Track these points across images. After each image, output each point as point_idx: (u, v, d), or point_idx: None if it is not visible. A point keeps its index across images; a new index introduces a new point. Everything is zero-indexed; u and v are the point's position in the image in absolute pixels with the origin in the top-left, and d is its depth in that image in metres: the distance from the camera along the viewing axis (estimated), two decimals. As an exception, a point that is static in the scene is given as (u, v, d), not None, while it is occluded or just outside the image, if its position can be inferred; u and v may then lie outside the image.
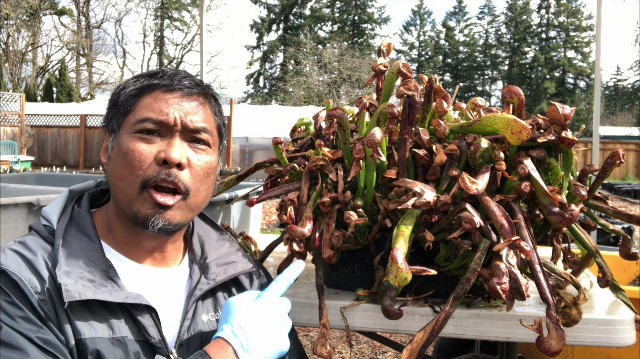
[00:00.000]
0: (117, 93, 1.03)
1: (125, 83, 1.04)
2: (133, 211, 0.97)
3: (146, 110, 0.98)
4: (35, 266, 0.90)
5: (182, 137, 1.00)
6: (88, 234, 0.99)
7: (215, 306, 1.06)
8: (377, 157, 1.09)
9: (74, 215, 1.02)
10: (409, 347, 0.99)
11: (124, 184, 0.97)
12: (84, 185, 1.12)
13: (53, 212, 1.01)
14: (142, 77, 1.03)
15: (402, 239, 1.00)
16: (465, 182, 1.03)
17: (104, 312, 0.92)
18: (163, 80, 1.01)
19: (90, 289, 0.90)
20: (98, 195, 1.12)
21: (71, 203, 1.06)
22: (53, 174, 3.63)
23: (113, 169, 0.99)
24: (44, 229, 0.99)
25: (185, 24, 40.01)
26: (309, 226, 1.13)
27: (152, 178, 0.96)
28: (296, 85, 32.03)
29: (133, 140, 0.97)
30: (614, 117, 40.76)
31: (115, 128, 1.01)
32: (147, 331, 0.93)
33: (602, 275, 1.24)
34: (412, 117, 1.11)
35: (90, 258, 0.95)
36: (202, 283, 1.04)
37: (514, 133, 1.03)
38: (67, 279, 0.90)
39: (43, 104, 22.65)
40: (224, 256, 1.12)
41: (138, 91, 1.00)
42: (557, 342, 0.96)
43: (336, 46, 33.73)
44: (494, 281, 0.98)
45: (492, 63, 47.61)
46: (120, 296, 0.92)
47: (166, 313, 0.99)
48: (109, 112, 1.04)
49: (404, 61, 1.14)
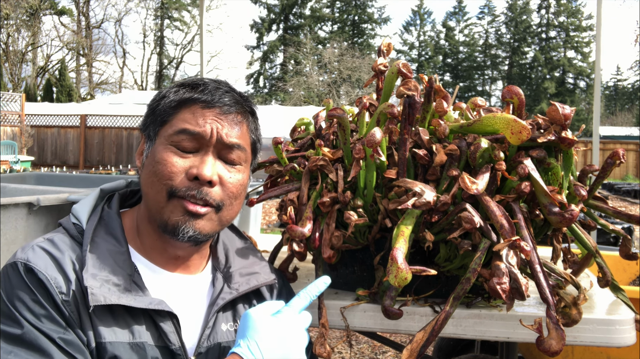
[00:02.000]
0: (157, 101, 1.03)
1: (166, 92, 1.03)
2: (164, 218, 0.98)
3: (183, 122, 0.99)
4: (63, 266, 0.91)
5: (216, 152, 1.00)
6: (116, 237, 0.99)
7: (235, 317, 1.06)
8: (377, 157, 1.09)
9: (103, 216, 1.02)
10: (409, 347, 0.99)
11: (153, 191, 0.98)
12: (114, 184, 1.13)
13: (83, 211, 1.02)
14: (184, 88, 1.02)
15: (402, 239, 1.00)
16: (465, 182, 1.03)
17: (126, 316, 0.92)
18: (204, 94, 1.00)
19: (115, 293, 0.90)
20: (128, 196, 1.12)
21: (101, 202, 1.06)
22: (53, 174, 3.63)
23: (145, 176, 1.00)
24: (73, 227, 0.99)
25: (185, 24, 40.03)
26: (309, 226, 1.13)
27: (180, 191, 0.97)
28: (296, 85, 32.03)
29: (167, 151, 0.98)
30: (614, 117, 40.76)
31: (152, 136, 1.01)
32: (167, 338, 0.93)
33: (602, 275, 1.24)
34: (412, 117, 1.11)
35: (117, 261, 0.95)
36: (224, 293, 1.04)
37: (514, 133, 1.03)
38: (94, 282, 0.90)
39: (43, 104, 22.65)
40: (247, 266, 1.11)
41: (177, 103, 1.00)
42: (557, 342, 0.96)
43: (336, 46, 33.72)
44: (494, 281, 0.98)
45: (492, 63, 47.62)
46: (143, 302, 0.92)
47: (187, 320, 0.99)
48: (147, 118, 1.04)
49: (404, 61, 1.14)
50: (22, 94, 17.53)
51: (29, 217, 1.76)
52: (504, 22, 46.94)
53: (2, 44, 31.03)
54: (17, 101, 17.02)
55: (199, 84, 1.02)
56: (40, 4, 31.18)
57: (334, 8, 44.09)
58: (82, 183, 3.25)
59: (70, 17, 35.80)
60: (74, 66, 36.12)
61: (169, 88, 1.04)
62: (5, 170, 10.77)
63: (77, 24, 35.79)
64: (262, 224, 8.20)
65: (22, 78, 32.33)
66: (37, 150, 18.51)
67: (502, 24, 47.25)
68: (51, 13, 34.47)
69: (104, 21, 37.74)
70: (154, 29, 40.00)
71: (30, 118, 18.53)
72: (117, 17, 42.13)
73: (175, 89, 1.03)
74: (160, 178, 0.97)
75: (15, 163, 12.22)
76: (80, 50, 35.74)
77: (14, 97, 17.10)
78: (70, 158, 18.76)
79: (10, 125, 16.21)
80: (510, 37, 46.33)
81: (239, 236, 1.19)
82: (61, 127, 18.81)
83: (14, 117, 16.62)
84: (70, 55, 36.01)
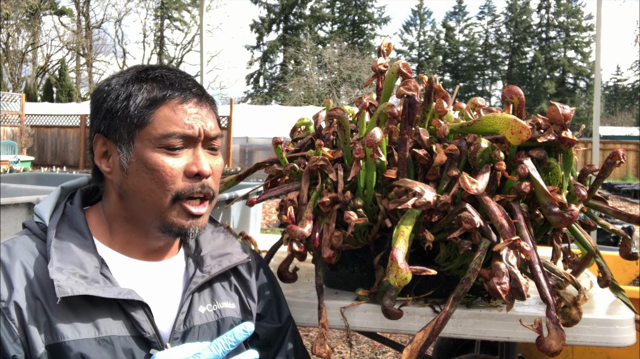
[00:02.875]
0: (121, 102, 0.99)
1: (127, 91, 0.99)
2: (167, 222, 0.99)
3: (168, 123, 0.98)
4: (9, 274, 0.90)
5: (202, 145, 1.01)
6: (80, 231, 0.99)
7: (213, 298, 1.06)
8: (377, 157, 1.09)
9: (66, 212, 1.03)
10: (409, 347, 0.99)
11: (154, 198, 0.98)
12: (76, 181, 1.12)
13: (45, 209, 1.02)
14: (145, 83, 1.00)
15: (402, 239, 1.00)
16: (465, 182, 1.03)
17: (90, 311, 0.92)
18: (175, 89, 1.00)
19: (82, 285, 0.90)
20: (91, 192, 1.12)
21: (64, 200, 1.07)
22: (53, 174, 3.63)
23: (137, 183, 0.98)
24: (36, 226, 0.99)
25: (185, 24, 40.00)
26: (309, 226, 1.13)
27: (185, 192, 0.98)
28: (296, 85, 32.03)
29: (159, 154, 0.97)
30: (614, 117, 40.75)
31: (127, 138, 0.98)
32: (140, 326, 0.94)
33: (602, 275, 1.24)
34: (412, 117, 1.11)
35: (83, 254, 0.95)
36: (197, 277, 1.05)
37: (514, 133, 1.03)
38: (60, 275, 0.90)
39: (43, 104, 22.65)
40: (218, 248, 1.12)
41: (150, 102, 0.99)
42: (557, 342, 0.96)
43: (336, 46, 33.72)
44: (494, 281, 0.98)
45: (492, 63, 47.61)
46: (112, 292, 0.92)
47: (161, 307, 0.99)
48: (110, 120, 0.99)
49: (404, 61, 1.14)
50: (22, 94, 17.54)
51: (28, 217, 1.76)
52: (504, 22, 46.94)
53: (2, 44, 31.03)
54: (17, 101, 17.02)
55: (160, 77, 1.01)
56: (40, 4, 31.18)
57: (334, 8, 44.08)
58: (82, 183, 3.25)
59: (70, 17, 35.80)
60: (74, 66, 36.12)
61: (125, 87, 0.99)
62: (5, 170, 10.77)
63: (77, 24, 35.79)
64: (262, 224, 8.20)
65: (22, 78, 32.34)
66: (37, 150, 18.51)
67: (502, 24, 47.26)
68: (51, 13, 34.47)
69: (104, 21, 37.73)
70: (154, 29, 40.00)
71: (30, 118, 18.53)
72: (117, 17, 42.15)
73: (137, 86, 1.00)
74: (162, 184, 0.97)
75: (15, 163, 12.22)
76: (80, 50, 35.74)
77: (14, 97, 17.10)
78: (70, 158, 18.75)
79: (10, 125, 16.21)
80: (510, 37, 46.33)
81: (209, 220, 1.18)
82: (61, 127, 18.81)
83: (14, 117, 16.62)
84: (70, 55, 36.03)
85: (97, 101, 1.02)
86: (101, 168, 1.02)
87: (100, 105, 1.02)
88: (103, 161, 1.03)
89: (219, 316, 1.05)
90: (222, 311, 1.06)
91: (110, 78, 1.04)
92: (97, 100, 1.03)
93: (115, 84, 1.02)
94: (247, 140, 17.88)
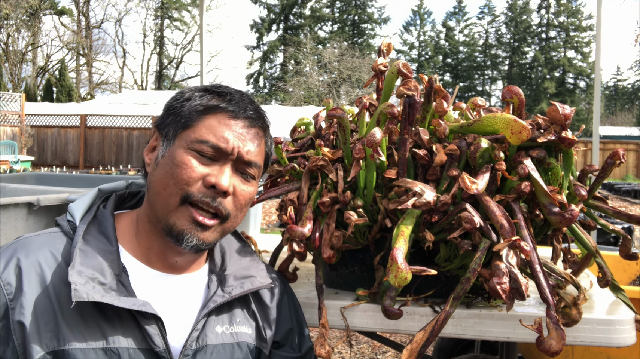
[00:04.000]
0: (180, 102, 1.02)
1: (191, 94, 1.03)
2: (169, 222, 0.98)
3: (207, 132, 0.99)
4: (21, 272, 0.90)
5: (234, 164, 1.01)
6: (107, 236, 0.99)
7: (231, 320, 1.04)
8: (377, 157, 1.09)
9: (97, 215, 1.03)
10: (409, 347, 0.99)
11: (166, 193, 0.97)
12: (114, 185, 1.13)
13: (78, 209, 1.03)
14: (209, 93, 1.03)
15: (402, 239, 1.00)
16: (466, 182, 1.03)
17: (100, 321, 0.91)
18: (231, 104, 1.01)
19: (99, 291, 0.90)
20: (126, 197, 1.12)
21: (98, 202, 1.07)
22: (53, 174, 3.63)
23: (158, 176, 0.99)
24: (67, 224, 1.00)
25: (185, 24, 40.01)
26: (309, 226, 1.13)
27: (195, 197, 0.97)
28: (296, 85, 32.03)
29: (188, 155, 0.98)
30: (614, 117, 40.76)
31: (170, 136, 1.00)
32: (152, 340, 0.92)
33: (602, 275, 1.24)
34: (412, 117, 1.11)
35: (105, 260, 0.95)
36: (217, 296, 1.03)
37: (514, 133, 1.03)
38: (78, 278, 0.89)
39: (43, 104, 22.65)
40: (243, 269, 1.10)
41: (204, 108, 1.00)
42: (557, 342, 0.96)
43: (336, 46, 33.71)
44: (494, 281, 0.98)
45: (492, 64, 47.61)
46: (127, 303, 0.91)
47: (175, 322, 0.98)
48: (167, 117, 1.03)
49: (404, 61, 1.14)
50: (22, 94, 17.54)
51: (29, 217, 1.76)
52: (504, 22, 46.95)
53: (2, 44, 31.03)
54: (17, 101, 17.02)
55: (225, 92, 1.03)
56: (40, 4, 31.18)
57: (334, 8, 44.08)
58: (82, 183, 3.25)
59: (70, 17, 35.80)
60: (74, 66, 36.12)
61: (193, 91, 1.04)
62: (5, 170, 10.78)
63: (77, 24, 35.78)
64: (262, 224, 8.20)
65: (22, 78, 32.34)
66: (37, 150, 18.52)
67: (502, 24, 47.27)
68: (51, 13, 34.47)
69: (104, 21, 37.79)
70: (154, 29, 39.99)
71: (30, 118, 18.53)
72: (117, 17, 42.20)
73: (201, 93, 1.02)
74: (177, 181, 0.97)
75: (15, 163, 12.22)
76: (80, 50, 35.74)
77: (14, 97, 17.10)
78: (70, 158, 18.76)
79: (10, 125, 16.22)
80: (510, 37, 46.33)
81: (237, 238, 1.18)
82: (61, 127, 18.82)
83: (14, 117, 16.63)
84: (70, 55, 36.03)
85: (169, 100, 1.06)
86: (145, 160, 1.05)
87: (168, 103, 1.05)
88: (149, 154, 1.05)
89: (235, 339, 1.03)
90: (239, 335, 1.04)
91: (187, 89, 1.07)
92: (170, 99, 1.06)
93: (188, 89, 1.05)
94: (247, 140, 17.83)
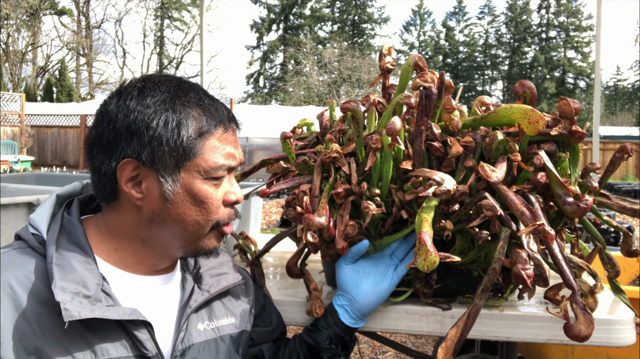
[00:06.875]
0: (174, 131, 0.92)
1: (180, 119, 0.93)
2: (200, 246, 1.00)
3: (215, 155, 0.96)
4: None
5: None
6: (81, 245, 0.93)
7: (210, 315, 1.05)
8: (396, 145, 1.08)
9: (64, 224, 0.96)
10: (443, 345, 0.98)
11: (196, 227, 0.97)
12: (70, 188, 1.06)
13: (41, 220, 0.95)
14: (195, 110, 0.95)
15: (427, 224, 0.98)
16: (486, 170, 1.02)
17: (86, 333, 0.87)
18: (218, 118, 0.98)
19: (87, 306, 0.86)
20: (88, 201, 1.07)
21: (60, 209, 0.99)
22: (53, 174, 3.63)
23: (181, 213, 0.95)
24: (33, 239, 0.92)
25: (185, 24, 40.01)
26: (325, 216, 1.10)
27: (226, 220, 1.00)
28: (296, 85, 32.04)
29: (206, 185, 0.96)
30: (614, 117, 40.77)
31: (172, 167, 0.93)
32: (143, 346, 0.91)
33: (611, 266, 1.23)
34: (428, 109, 1.10)
35: (84, 271, 0.90)
36: (196, 294, 1.03)
37: (531, 123, 1.03)
38: (64, 295, 0.85)
39: (43, 104, 22.65)
40: (217, 267, 1.11)
41: (199, 132, 0.95)
42: (587, 327, 0.96)
43: (336, 46, 33.72)
44: (518, 266, 0.97)
45: (492, 64, 47.63)
46: (117, 313, 0.88)
47: (160, 324, 0.97)
48: (158, 148, 0.91)
49: (419, 55, 1.16)
50: (22, 94, 17.54)
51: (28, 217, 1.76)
52: (504, 22, 46.96)
53: (2, 44, 31.03)
54: (17, 101, 17.03)
55: (200, 101, 0.97)
56: (40, 4, 31.18)
57: (334, 8, 44.10)
58: (82, 183, 3.24)
59: (70, 17, 35.79)
60: (74, 66, 36.11)
61: (174, 110, 0.93)
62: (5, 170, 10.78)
63: (77, 24, 35.77)
64: (262, 224, 8.21)
65: (22, 78, 32.33)
66: (37, 150, 18.52)
67: (502, 24, 47.28)
68: (51, 13, 34.46)
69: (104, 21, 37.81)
70: (154, 29, 39.99)
71: (30, 118, 18.54)
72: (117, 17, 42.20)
73: (185, 114, 0.94)
74: (207, 215, 0.97)
75: (15, 163, 12.22)
76: (80, 50, 35.73)
77: (14, 97, 17.11)
78: (70, 158, 18.76)
79: (10, 125, 16.22)
80: (510, 37, 46.35)
81: None
82: (61, 127, 18.82)
83: (14, 117, 16.63)
84: (70, 55, 36.01)
85: (132, 122, 0.92)
86: (129, 194, 0.93)
87: (137, 127, 0.91)
88: (131, 186, 0.94)
89: (217, 334, 1.04)
90: (220, 329, 1.05)
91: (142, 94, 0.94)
92: (130, 120, 0.92)
93: (154, 105, 0.93)
94: (247, 140, 17.87)
